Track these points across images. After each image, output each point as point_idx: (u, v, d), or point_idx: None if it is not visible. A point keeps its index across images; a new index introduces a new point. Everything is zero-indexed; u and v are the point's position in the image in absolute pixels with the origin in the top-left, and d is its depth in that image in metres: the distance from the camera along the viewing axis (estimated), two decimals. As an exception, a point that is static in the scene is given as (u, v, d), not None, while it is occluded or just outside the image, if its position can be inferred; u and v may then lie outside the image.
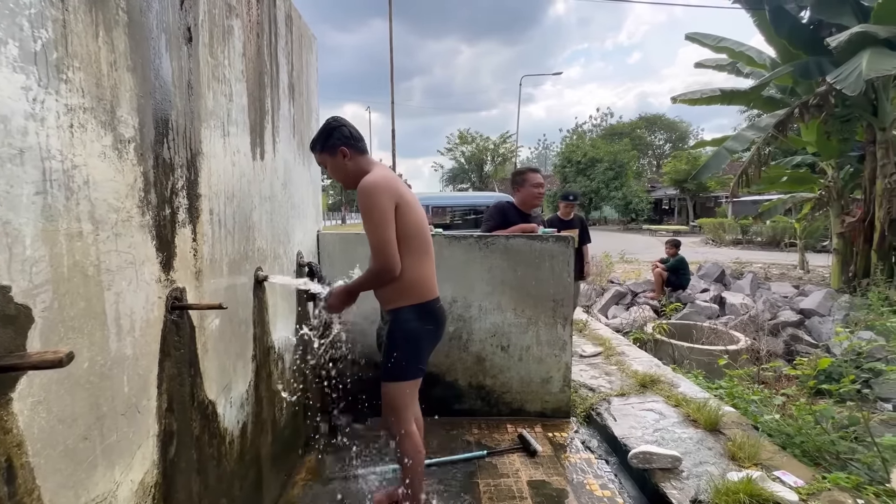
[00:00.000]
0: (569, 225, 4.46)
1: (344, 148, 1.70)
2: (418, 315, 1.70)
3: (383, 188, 1.59)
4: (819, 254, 13.03)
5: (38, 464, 0.77)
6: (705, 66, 9.35)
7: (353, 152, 1.71)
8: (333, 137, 1.70)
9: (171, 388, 1.17)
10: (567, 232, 4.01)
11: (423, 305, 1.72)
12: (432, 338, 1.77)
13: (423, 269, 1.71)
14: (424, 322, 1.72)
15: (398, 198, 1.62)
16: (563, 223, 4.44)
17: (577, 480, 2.21)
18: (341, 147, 1.70)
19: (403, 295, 1.69)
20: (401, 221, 1.62)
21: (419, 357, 1.73)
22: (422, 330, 1.71)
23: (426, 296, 1.73)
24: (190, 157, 1.27)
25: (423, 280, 1.71)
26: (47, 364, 0.64)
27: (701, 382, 3.44)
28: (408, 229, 1.65)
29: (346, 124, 1.74)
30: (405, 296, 1.70)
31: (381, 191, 1.58)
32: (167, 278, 1.16)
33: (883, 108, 7.00)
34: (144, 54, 1.05)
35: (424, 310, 1.72)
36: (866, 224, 7.39)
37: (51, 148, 0.80)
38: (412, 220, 1.66)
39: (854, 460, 2.35)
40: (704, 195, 28.77)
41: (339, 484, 2.15)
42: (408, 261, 1.65)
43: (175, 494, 1.18)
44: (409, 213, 1.66)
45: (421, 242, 1.70)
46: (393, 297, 1.71)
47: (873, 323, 4.60)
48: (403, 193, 1.66)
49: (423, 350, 1.75)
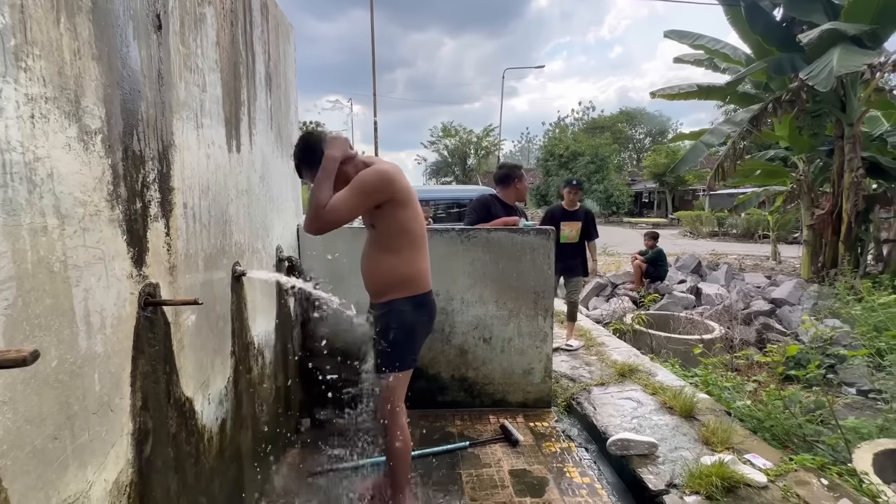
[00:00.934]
0: (572, 217, 3.98)
1: None
2: (413, 306, 1.72)
3: (390, 179, 1.62)
4: (791, 245, 13.47)
5: (5, 465, 0.75)
6: (684, 61, 9.51)
7: None
8: (319, 151, 1.65)
9: (145, 386, 1.15)
10: (569, 225, 3.87)
11: (418, 297, 1.74)
12: (426, 328, 1.81)
13: (421, 262, 1.75)
14: (419, 313, 1.75)
15: (403, 191, 1.65)
16: (566, 214, 3.98)
17: (557, 468, 2.26)
18: None
19: (400, 287, 1.71)
20: (403, 214, 1.66)
21: (413, 348, 1.76)
22: (417, 321, 1.74)
23: (422, 288, 1.75)
24: (161, 150, 1.23)
25: (420, 273, 1.75)
26: (10, 363, 0.62)
27: (677, 371, 3.54)
28: (409, 223, 1.68)
29: (323, 137, 1.71)
30: (401, 288, 1.71)
31: (386, 180, 1.61)
32: (139, 274, 1.13)
33: (851, 105, 7.24)
34: (110, 42, 1.02)
35: (419, 301, 1.74)
36: (834, 216, 7.67)
37: (10, 139, 0.77)
38: (413, 214, 1.70)
39: (819, 442, 2.46)
40: (683, 188, 29.38)
41: (320, 478, 2.15)
42: (408, 254, 1.70)
43: (151, 493, 1.17)
44: (412, 206, 1.69)
45: (419, 237, 1.73)
46: (388, 289, 1.72)
47: (839, 311, 4.80)
48: (409, 187, 1.69)
49: (418, 340, 1.77)
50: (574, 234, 3.98)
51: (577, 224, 3.98)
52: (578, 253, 3.98)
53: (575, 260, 3.94)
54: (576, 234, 3.97)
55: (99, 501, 0.97)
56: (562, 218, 4.00)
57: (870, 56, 6.30)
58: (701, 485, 1.95)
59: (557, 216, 4.01)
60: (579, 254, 3.98)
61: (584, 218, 4.03)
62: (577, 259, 3.96)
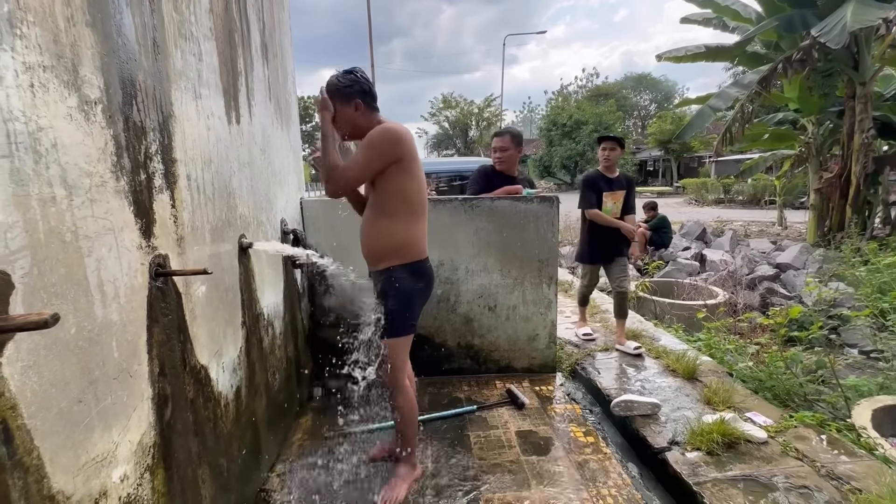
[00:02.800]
0: (614, 185, 3.19)
1: (359, 100, 1.69)
2: (411, 273, 1.74)
3: (398, 138, 1.62)
4: (797, 210, 13.35)
5: (35, 426, 0.79)
6: (691, 20, 9.17)
7: (365, 107, 1.71)
8: (353, 88, 1.68)
9: (161, 354, 1.18)
10: (612, 196, 3.16)
11: (415, 264, 1.76)
12: (423, 295, 1.83)
13: (419, 230, 1.76)
14: (416, 280, 1.77)
15: (408, 155, 1.65)
16: (607, 183, 3.18)
17: (562, 429, 2.33)
18: (356, 99, 1.69)
19: (398, 254, 1.73)
20: (403, 178, 1.66)
21: (412, 313, 1.78)
22: (414, 287, 1.76)
23: (418, 255, 1.77)
24: (162, 121, 1.23)
25: (418, 240, 1.76)
26: (32, 325, 0.64)
27: (680, 336, 3.59)
28: (407, 187, 1.68)
29: (367, 80, 1.74)
30: (399, 255, 1.73)
31: (396, 140, 1.62)
32: (148, 245, 1.14)
33: (864, 62, 7.01)
34: (103, 8, 1.00)
35: (416, 268, 1.76)
36: (843, 180, 7.56)
37: (12, 108, 0.77)
38: (414, 180, 1.69)
39: (820, 401, 2.52)
40: (688, 156, 28.88)
41: (334, 442, 2.23)
42: (405, 219, 1.71)
43: (174, 454, 1.22)
44: (415, 173, 1.69)
45: (418, 204, 1.73)
46: (384, 256, 1.74)
47: (844, 273, 4.80)
48: (414, 152, 1.69)
49: (416, 307, 1.79)
50: (617, 208, 3.21)
51: (619, 194, 3.19)
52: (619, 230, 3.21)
53: (620, 240, 3.19)
54: (617, 208, 3.21)
55: (126, 460, 1.02)
56: (606, 187, 3.18)
57: (885, 10, 6.05)
58: (702, 441, 2.01)
59: (601, 185, 3.18)
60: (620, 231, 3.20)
61: (627, 186, 3.23)
62: (621, 237, 3.19)
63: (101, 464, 0.95)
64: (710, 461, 1.92)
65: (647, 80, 39.65)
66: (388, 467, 1.99)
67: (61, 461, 0.84)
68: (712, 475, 1.83)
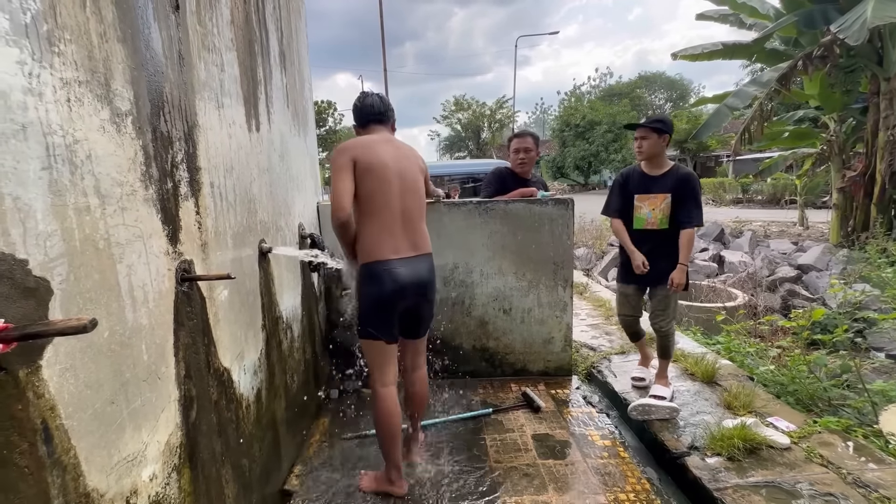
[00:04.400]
0: (653, 185, 2.44)
1: (355, 125, 1.92)
2: (365, 274, 1.73)
3: (341, 149, 1.72)
4: (819, 210, 13.00)
5: (72, 426, 0.82)
6: (707, 17, 9.03)
7: (357, 128, 1.92)
8: (355, 115, 1.91)
9: (187, 356, 1.22)
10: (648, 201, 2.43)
11: (370, 266, 1.71)
12: (376, 301, 1.71)
13: (371, 229, 1.71)
14: (369, 282, 1.72)
15: (357, 158, 1.69)
16: (643, 182, 2.48)
17: (579, 433, 2.32)
18: (356, 124, 1.92)
19: (360, 253, 1.76)
20: (360, 182, 1.69)
21: (364, 317, 1.74)
22: (366, 290, 1.72)
23: (371, 257, 1.71)
24: (187, 130, 1.26)
25: (369, 240, 1.72)
26: (72, 330, 0.67)
27: (699, 338, 3.53)
28: (363, 191, 1.70)
29: (360, 100, 1.89)
30: (360, 254, 1.75)
31: (338, 151, 1.72)
32: (175, 251, 1.18)
33: (889, 57, 6.81)
34: (133, 24, 1.04)
35: (370, 271, 1.72)
36: (867, 178, 7.34)
37: (51, 123, 0.80)
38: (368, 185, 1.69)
39: (845, 406, 2.45)
40: (705, 155, 28.38)
41: (351, 443, 2.25)
42: (363, 221, 1.73)
43: (199, 454, 1.25)
44: (368, 174, 1.69)
45: (372, 204, 1.70)
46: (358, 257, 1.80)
47: (869, 275, 4.66)
48: (363, 156, 1.70)
49: (367, 311, 1.73)
50: (658, 216, 2.42)
51: (661, 198, 2.41)
52: (667, 247, 2.40)
53: (663, 259, 2.42)
54: (661, 216, 2.42)
55: (154, 460, 1.06)
56: (636, 188, 2.49)
57: (910, 3, 5.87)
58: (723, 447, 1.98)
59: (630, 185, 2.51)
60: (669, 249, 2.40)
61: (677, 187, 2.39)
62: (668, 258, 2.40)
63: (132, 463, 0.98)
64: (731, 467, 1.89)
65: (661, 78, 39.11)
66: (409, 468, 2.00)
67: (96, 460, 0.88)
68: (733, 481, 1.80)
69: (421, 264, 1.79)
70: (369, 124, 1.87)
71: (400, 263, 1.72)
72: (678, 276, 2.37)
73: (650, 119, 2.48)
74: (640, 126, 2.44)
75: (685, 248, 2.38)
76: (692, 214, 2.37)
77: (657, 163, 2.46)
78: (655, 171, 2.46)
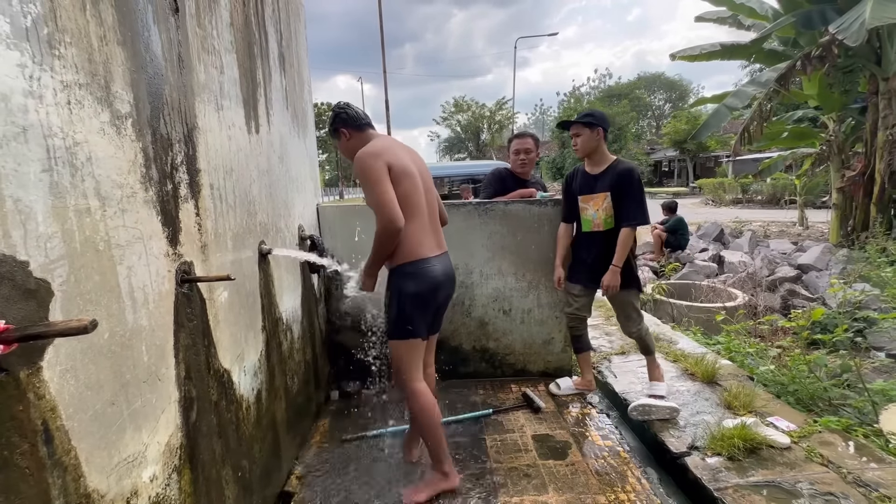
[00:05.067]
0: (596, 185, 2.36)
1: (343, 129, 1.85)
2: (408, 274, 1.73)
3: (373, 153, 1.69)
4: (819, 210, 13.00)
5: (72, 427, 0.82)
6: (706, 19, 9.05)
7: (351, 131, 1.85)
8: (334, 122, 1.86)
9: (187, 358, 1.22)
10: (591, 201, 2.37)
11: (413, 265, 1.73)
12: (420, 299, 1.75)
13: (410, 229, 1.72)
14: (412, 281, 1.73)
15: (391, 163, 1.68)
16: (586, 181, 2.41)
17: (579, 433, 2.32)
18: (341, 129, 1.85)
19: (396, 255, 1.74)
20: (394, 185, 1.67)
21: (405, 317, 1.74)
22: (408, 289, 1.73)
23: (413, 255, 1.73)
24: (186, 132, 1.27)
25: (412, 240, 1.73)
26: (73, 331, 0.68)
27: (699, 339, 3.53)
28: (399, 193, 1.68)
29: (345, 108, 1.87)
30: (396, 256, 1.74)
31: (371, 156, 1.69)
32: (174, 252, 1.18)
33: (887, 57, 6.82)
34: (133, 27, 1.04)
35: (414, 269, 1.73)
36: (866, 178, 7.35)
37: (52, 125, 0.81)
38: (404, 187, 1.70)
39: (845, 405, 2.45)
40: (704, 155, 28.42)
41: (352, 445, 2.25)
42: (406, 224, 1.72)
43: (199, 455, 1.26)
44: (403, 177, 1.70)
45: (409, 206, 1.71)
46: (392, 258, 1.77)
47: (869, 274, 4.66)
48: (395, 159, 1.70)
49: (409, 310, 1.74)
50: (602, 216, 2.35)
51: (602, 197, 2.33)
52: (611, 249, 2.33)
53: (602, 260, 2.37)
54: (605, 216, 2.34)
55: (154, 461, 1.06)
56: (579, 189, 2.43)
57: (908, 4, 5.88)
58: (723, 446, 1.98)
59: (573, 187, 2.46)
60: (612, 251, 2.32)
61: (615, 183, 2.29)
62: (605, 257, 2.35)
63: (132, 464, 0.98)
64: (732, 466, 1.89)
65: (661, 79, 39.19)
66: (411, 469, 2.00)
67: (96, 461, 0.88)
68: (734, 481, 1.80)
69: (448, 260, 1.89)
70: (365, 128, 1.86)
71: (437, 260, 1.80)
72: (608, 278, 2.31)
73: (580, 114, 2.40)
74: (572, 123, 2.38)
75: (620, 248, 2.29)
76: (631, 212, 2.28)
77: (597, 159, 2.39)
78: (596, 169, 2.39)
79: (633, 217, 2.28)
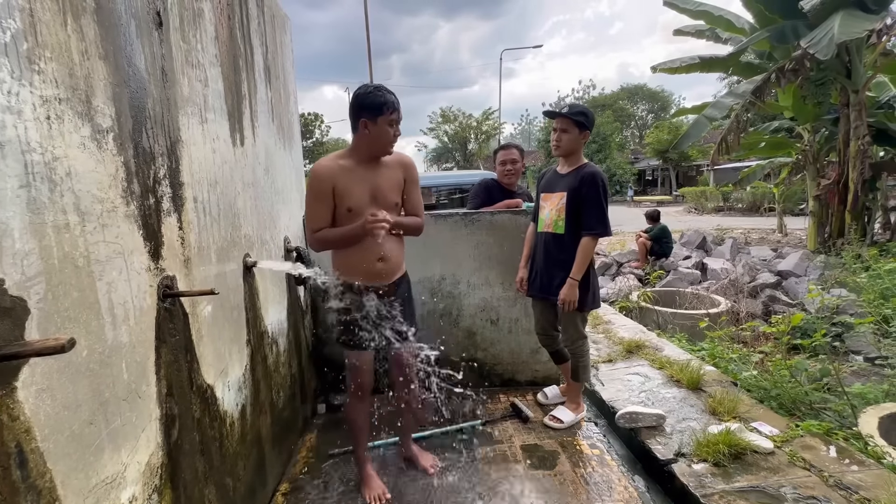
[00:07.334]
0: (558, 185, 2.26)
1: None
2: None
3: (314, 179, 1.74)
4: (797, 217, 13.36)
5: (48, 448, 0.80)
6: (685, 32, 9.32)
7: None
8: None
9: (169, 374, 1.20)
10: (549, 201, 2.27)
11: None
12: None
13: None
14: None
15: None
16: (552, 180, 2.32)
17: (567, 442, 2.32)
18: None
19: None
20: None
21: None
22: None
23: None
24: (170, 146, 1.26)
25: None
26: (50, 350, 0.66)
27: (684, 345, 3.58)
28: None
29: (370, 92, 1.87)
30: None
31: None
32: (157, 267, 1.17)
33: (856, 70, 7.11)
34: (115, 41, 1.04)
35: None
36: (841, 186, 7.59)
37: (30, 140, 0.80)
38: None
39: (826, 409, 2.51)
40: (686, 164, 29.06)
41: (339, 459, 2.22)
42: None
43: (181, 474, 1.23)
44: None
45: None
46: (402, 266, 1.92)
47: (846, 280, 4.80)
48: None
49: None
50: (553, 217, 2.25)
51: (558, 197, 2.22)
52: (563, 256, 2.20)
53: (557, 269, 2.23)
54: (556, 217, 2.23)
55: (134, 482, 1.03)
56: (543, 187, 2.34)
57: (873, 21, 6.16)
58: (708, 452, 2.00)
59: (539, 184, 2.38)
60: (565, 258, 2.19)
61: (576, 186, 2.15)
62: (562, 269, 2.20)
63: (110, 485, 0.96)
64: (717, 473, 1.91)
65: (643, 90, 40.10)
66: (399, 482, 1.98)
67: (73, 483, 0.86)
68: (719, 487, 1.82)
69: None
70: None
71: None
72: (565, 291, 2.14)
73: (573, 109, 2.18)
74: (563, 116, 2.16)
75: (579, 259, 2.12)
76: (591, 221, 2.12)
77: (572, 161, 2.24)
78: (565, 169, 2.25)
79: (593, 225, 2.14)
